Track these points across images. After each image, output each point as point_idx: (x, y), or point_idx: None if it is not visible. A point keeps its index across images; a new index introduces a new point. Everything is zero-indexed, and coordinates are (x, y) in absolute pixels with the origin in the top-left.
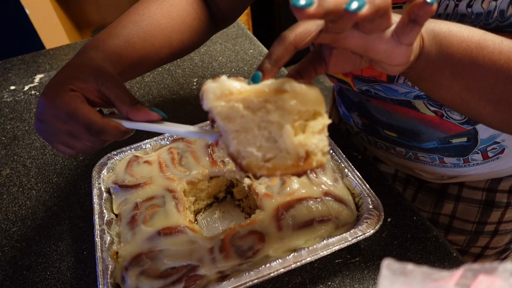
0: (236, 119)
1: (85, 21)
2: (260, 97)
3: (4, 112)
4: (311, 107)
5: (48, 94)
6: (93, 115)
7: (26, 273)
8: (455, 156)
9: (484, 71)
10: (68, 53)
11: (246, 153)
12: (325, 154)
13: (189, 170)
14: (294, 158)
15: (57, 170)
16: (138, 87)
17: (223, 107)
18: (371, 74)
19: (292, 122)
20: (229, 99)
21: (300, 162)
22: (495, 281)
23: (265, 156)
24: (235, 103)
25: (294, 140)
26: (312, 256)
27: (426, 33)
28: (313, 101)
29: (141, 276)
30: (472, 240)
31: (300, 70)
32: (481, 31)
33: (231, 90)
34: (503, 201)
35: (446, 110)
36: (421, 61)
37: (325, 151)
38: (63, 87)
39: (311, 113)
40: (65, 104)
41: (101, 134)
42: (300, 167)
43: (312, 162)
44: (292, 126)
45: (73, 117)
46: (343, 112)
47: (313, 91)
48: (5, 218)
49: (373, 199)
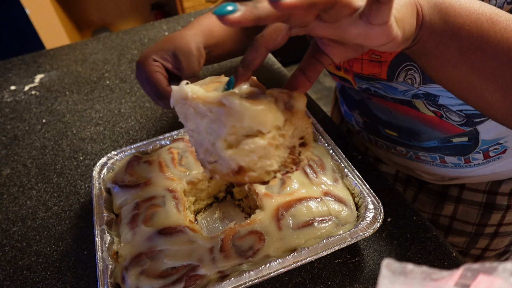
0: (191, 119)
1: (85, 21)
2: (205, 106)
3: (4, 112)
4: (246, 124)
5: (139, 60)
6: (160, 83)
7: (26, 273)
8: (456, 155)
9: (495, 49)
10: (68, 53)
11: (199, 151)
12: (269, 174)
13: (189, 170)
14: (228, 168)
15: (57, 170)
16: (138, 87)
17: (180, 107)
18: (371, 71)
19: (227, 135)
20: (185, 102)
21: (232, 173)
22: (495, 281)
23: (209, 159)
24: (188, 106)
25: (225, 152)
26: (312, 256)
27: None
28: (250, 119)
29: (141, 276)
30: (472, 242)
31: (303, 66)
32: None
33: (187, 95)
34: (503, 203)
35: (445, 111)
36: (423, 32)
37: (268, 170)
38: (148, 56)
39: (250, 129)
40: (144, 70)
41: (164, 98)
42: (234, 178)
43: (244, 177)
44: (225, 139)
45: (147, 81)
46: (344, 110)
47: (255, 109)
48: (5, 218)
49: (373, 199)
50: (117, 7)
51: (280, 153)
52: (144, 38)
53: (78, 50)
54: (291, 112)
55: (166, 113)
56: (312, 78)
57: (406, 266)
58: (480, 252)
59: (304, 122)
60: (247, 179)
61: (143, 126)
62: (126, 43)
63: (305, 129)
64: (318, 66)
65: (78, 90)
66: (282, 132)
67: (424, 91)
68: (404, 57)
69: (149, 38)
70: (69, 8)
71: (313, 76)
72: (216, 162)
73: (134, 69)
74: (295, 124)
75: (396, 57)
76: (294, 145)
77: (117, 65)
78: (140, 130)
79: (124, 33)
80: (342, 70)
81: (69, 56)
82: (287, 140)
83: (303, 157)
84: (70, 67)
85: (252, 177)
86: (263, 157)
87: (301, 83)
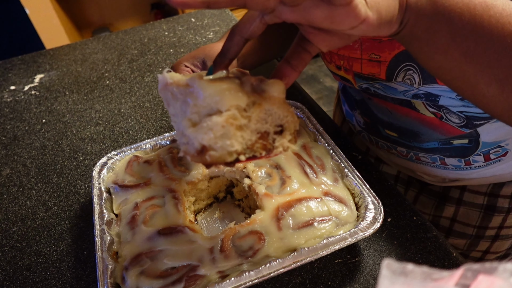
0: (171, 104)
1: (85, 21)
2: (177, 89)
3: (4, 112)
4: (205, 102)
5: (172, 66)
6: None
7: (26, 273)
8: (456, 157)
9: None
10: (68, 53)
11: (177, 135)
12: (231, 155)
13: (189, 170)
14: (193, 148)
15: (57, 170)
16: (138, 87)
17: (163, 94)
18: (371, 71)
19: (190, 114)
20: (166, 88)
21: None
22: (495, 281)
23: (182, 140)
24: (168, 91)
25: (188, 130)
26: (312, 256)
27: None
28: (208, 97)
29: (141, 276)
30: (473, 244)
31: (288, 56)
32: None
33: (167, 81)
34: (504, 206)
35: (445, 112)
36: (409, 14)
37: (230, 151)
38: (181, 62)
39: (210, 108)
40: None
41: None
42: (199, 158)
43: (205, 156)
44: (189, 119)
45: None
46: (346, 110)
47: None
48: (5, 218)
49: (373, 199)
50: (117, 7)
51: (245, 135)
52: (144, 38)
53: (78, 50)
54: (262, 96)
55: (166, 113)
56: (297, 67)
57: (406, 266)
58: (481, 254)
59: (283, 110)
60: (208, 158)
61: (143, 126)
62: (126, 43)
63: (284, 117)
64: (303, 54)
65: (78, 90)
66: (247, 114)
67: (424, 91)
68: (403, 58)
69: (149, 38)
70: (69, 8)
71: (298, 65)
72: (187, 143)
73: (134, 69)
74: (269, 110)
75: (395, 57)
76: (266, 131)
77: (117, 65)
78: (140, 130)
79: (124, 33)
80: (342, 70)
81: (69, 56)
82: (253, 123)
83: (278, 145)
84: (70, 67)
85: (213, 156)
86: (223, 136)
87: (286, 72)
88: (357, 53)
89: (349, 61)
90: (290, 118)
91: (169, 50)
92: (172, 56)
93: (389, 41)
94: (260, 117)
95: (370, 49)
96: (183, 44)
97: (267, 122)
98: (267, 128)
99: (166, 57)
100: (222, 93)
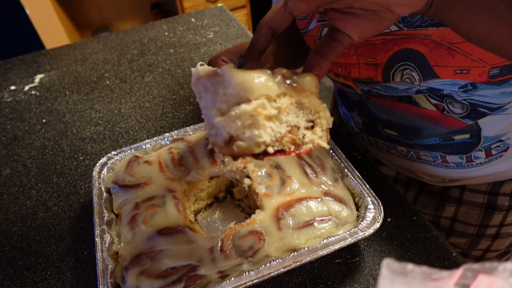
0: (202, 97)
1: (85, 21)
2: (208, 80)
3: (4, 112)
4: (234, 90)
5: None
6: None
7: (26, 273)
8: (457, 153)
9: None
10: (68, 53)
11: (207, 128)
12: (259, 146)
13: (189, 170)
14: (221, 138)
15: (57, 170)
16: (139, 87)
17: (196, 87)
18: (368, 75)
19: (220, 103)
20: (198, 81)
21: (225, 143)
22: (495, 281)
23: (211, 132)
24: (199, 84)
25: (216, 120)
26: (312, 256)
27: None
28: (237, 84)
29: (141, 276)
30: (473, 243)
31: (318, 47)
32: None
33: (199, 74)
34: (504, 204)
35: (448, 102)
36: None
37: (258, 142)
38: (218, 57)
39: (240, 98)
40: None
41: None
42: (227, 150)
43: (233, 146)
44: (218, 108)
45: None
46: (343, 112)
47: (243, 75)
48: (5, 218)
49: (373, 199)
50: (117, 7)
51: (274, 126)
52: (144, 38)
53: (78, 50)
54: (294, 88)
55: (166, 113)
56: (327, 55)
57: (406, 266)
58: (481, 253)
59: (315, 106)
60: (235, 149)
61: (143, 126)
62: (126, 43)
63: (316, 112)
64: (333, 43)
65: (78, 90)
66: (277, 105)
67: (427, 86)
68: (398, 58)
69: (149, 38)
70: (69, 8)
71: (328, 54)
72: (216, 135)
73: (134, 69)
74: (300, 104)
75: (390, 58)
76: (297, 125)
77: (117, 65)
78: (140, 130)
79: (124, 33)
80: (341, 77)
81: (69, 56)
82: (283, 115)
83: (308, 141)
84: (70, 67)
85: (241, 147)
86: (252, 126)
87: (315, 62)
88: (354, 58)
89: (347, 68)
90: (323, 114)
91: (169, 50)
92: (172, 56)
93: (383, 43)
94: (291, 109)
95: (365, 54)
96: (183, 44)
97: (297, 115)
98: (297, 122)
99: (166, 57)
100: (251, 82)
